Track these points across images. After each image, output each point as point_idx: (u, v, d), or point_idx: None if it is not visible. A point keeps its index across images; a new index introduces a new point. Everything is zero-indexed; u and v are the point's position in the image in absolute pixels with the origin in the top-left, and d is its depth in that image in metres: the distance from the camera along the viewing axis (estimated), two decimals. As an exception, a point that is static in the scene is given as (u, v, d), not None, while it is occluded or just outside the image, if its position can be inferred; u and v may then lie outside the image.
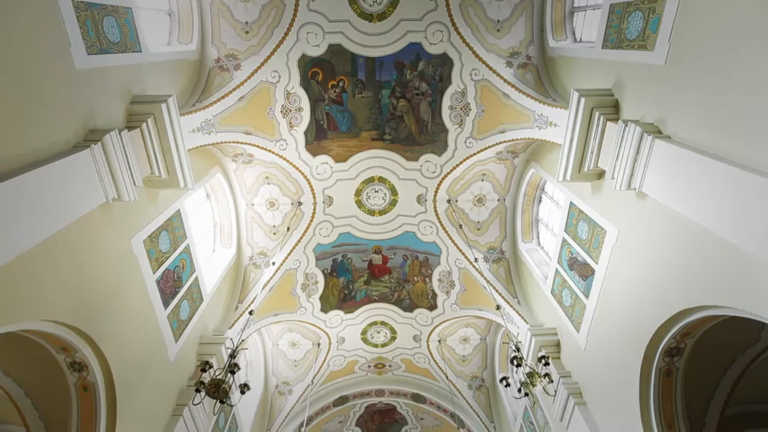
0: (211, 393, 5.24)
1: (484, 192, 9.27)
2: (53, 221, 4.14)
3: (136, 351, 5.79)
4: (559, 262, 7.40)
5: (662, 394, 5.32)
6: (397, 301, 10.62)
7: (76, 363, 5.05)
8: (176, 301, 6.95)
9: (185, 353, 7.27)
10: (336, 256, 10.07)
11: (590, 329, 6.52)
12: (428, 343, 11.11)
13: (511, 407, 10.44)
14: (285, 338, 11.12)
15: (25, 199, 3.77)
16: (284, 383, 11.29)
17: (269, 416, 11.02)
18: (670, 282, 4.65)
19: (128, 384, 5.59)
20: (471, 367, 11.37)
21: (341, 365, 11.43)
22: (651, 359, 5.19)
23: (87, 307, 4.85)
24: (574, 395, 6.80)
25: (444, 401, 11.27)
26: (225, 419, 8.82)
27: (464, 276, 9.84)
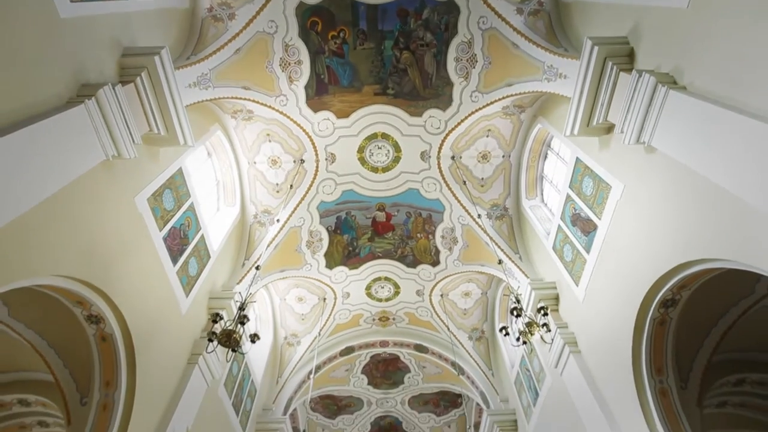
0: (222, 342, 5.50)
1: (488, 148, 9.16)
2: (55, 178, 4.19)
3: (148, 305, 6.02)
4: (562, 218, 7.45)
5: (654, 342, 5.55)
6: (401, 257, 10.82)
7: (93, 316, 5.28)
8: (184, 258, 7.11)
9: (196, 307, 7.54)
10: (340, 214, 10.14)
11: (589, 283, 6.69)
12: (431, 297, 11.43)
13: (509, 356, 10.92)
14: (292, 293, 11.45)
15: (25, 155, 3.78)
16: (293, 335, 11.76)
17: (279, 365, 11.59)
18: (672, 236, 4.71)
19: (144, 335, 5.86)
20: (472, 320, 11.77)
21: (347, 318, 11.84)
22: (646, 310, 5.36)
23: (98, 263, 5.00)
24: (569, 344, 7.09)
25: (445, 351, 11.77)
26: (238, 367, 9.30)
27: (467, 232, 9.94)
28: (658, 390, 5.55)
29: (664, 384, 5.58)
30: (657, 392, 5.52)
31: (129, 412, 5.49)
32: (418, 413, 14.96)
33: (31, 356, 5.92)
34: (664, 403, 5.49)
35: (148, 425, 5.94)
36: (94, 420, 5.36)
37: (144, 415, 5.82)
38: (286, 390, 11.19)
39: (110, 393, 5.47)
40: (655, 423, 5.35)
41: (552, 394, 8.18)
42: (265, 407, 10.71)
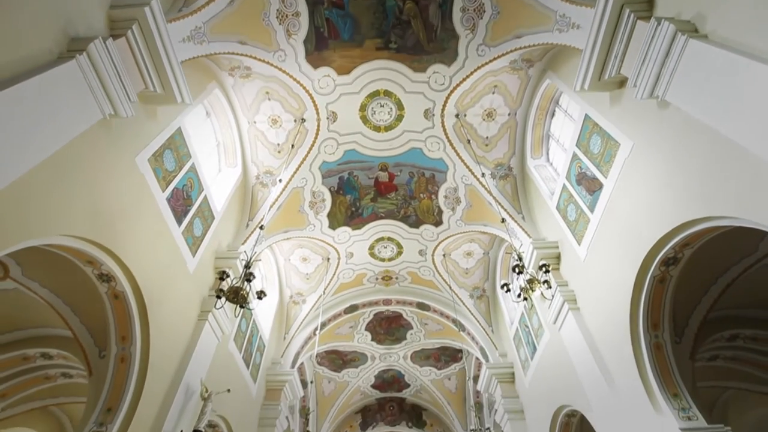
0: (230, 299, 5.67)
1: (494, 106, 8.93)
2: (54, 137, 4.18)
3: (156, 264, 6.14)
4: (567, 178, 7.38)
5: (652, 299, 5.67)
6: (404, 217, 10.86)
7: (104, 274, 5.41)
8: (189, 219, 7.16)
9: (203, 267, 7.68)
10: (342, 174, 10.08)
11: (591, 242, 6.73)
12: (433, 257, 11.58)
13: (509, 314, 11.21)
14: (296, 254, 11.62)
15: (19, 113, 3.74)
16: (298, 294, 12.06)
17: (286, 322, 11.97)
18: (679, 194, 4.68)
19: (154, 293, 6.02)
20: (473, 279, 11.98)
21: (350, 278, 12.08)
22: (647, 268, 5.43)
23: (104, 223, 5.06)
24: (569, 302, 7.25)
25: (447, 309, 12.09)
26: (246, 324, 9.62)
27: (470, 192, 9.90)
28: (653, 344, 5.72)
29: (659, 339, 5.75)
30: (652, 346, 5.70)
31: (145, 365, 5.75)
32: (420, 367, 15.61)
33: (49, 313, 6.15)
34: (657, 357, 5.68)
35: (165, 376, 6.24)
36: (114, 371, 5.63)
37: (160, 367, 6.09)
38: (293, 345, 11.63)
39: (126, 347, 5.71)
40: (648, 375, 5.56)
41: (549, 348, 8.47)
42: (273, 361, 11.18)
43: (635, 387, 5.67)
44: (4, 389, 8.08)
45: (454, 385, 15.91)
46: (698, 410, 5.24)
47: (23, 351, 7.58)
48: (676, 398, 5.40)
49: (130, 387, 5.53)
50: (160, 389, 6.10)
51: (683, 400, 5.38)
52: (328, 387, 15.94)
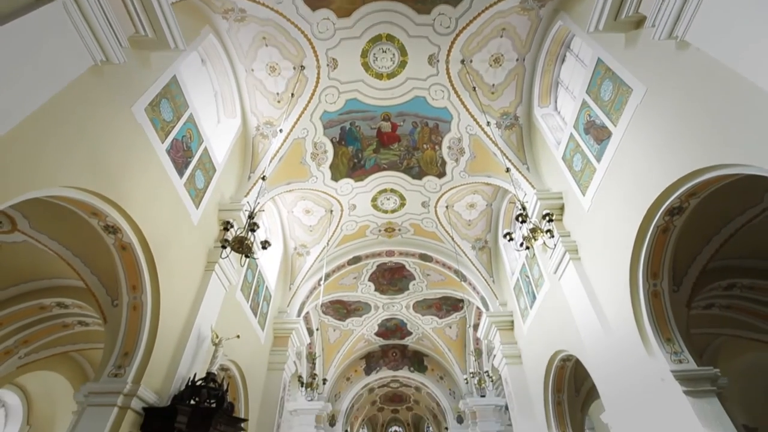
0: (235, 248, 5.75)
1: (502, 50, 8.51)
2: (45, 84, 4.07)
3: (161, 215, 6.18)
4: (575, 127, 7.19)
5: (654, 248, 5.70)
6: (407, 168, 10.74)
7: (110, 226, 5.45)
8: (190, 171, 7.11)
9: (207, 218, 7.74)
10: (344, 125, 9.85)
11: (596, 192, 6.68)
12: (436, 208, 11.60)
13: (510, 264, 11.40)
14: (299, 206, 11.64)
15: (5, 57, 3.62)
16: (302, 246, 12.23)
17: (291, 273, 12.25)
18: (690, 141, 4.57)
19: (161, 244, 6.11)
20: (476, 231, 12.06)
21: (353, 230, 12.18)
22: (651, 218, 5.42)
23: (105, 175, 5.03)
24: (570, 252, 7.33)
25: (449, 260, 12.29)
26: (253, 275, 9.85)
27: (474, 143, 9.71)
28: (650, 293, 5.84)
29: (657, 287, 5.86)
30: (650, 294, 5.82)
31: (157, 312, 5.95)
32: (422, 316, 16.16)
33: (61, 265, 6.30)
34: (654, 304, 5.81)
35: (176, 323, 6.48)
36: (127, 319, 5.85)
37: (171, 315, 6.32)
38: (298, 295, 11.98)
39: (137, 296, 5.88)
40: (644, 321, 5.72)
41: (549, 297, 8.68)
42: (280, 310, 11.57)
43: (630, 332, 5.86)
44: (26, 336, 8.46)
45: (454, 332, 16.54)
46: (690, 354, 5.45)
47: (40, 301, 7.86)
48: (669, 343, 5.59)
49: (144, 333, 5.77)
50: (172, 335, 6.36)
51: (676, 345, 5.58)
52: (333, 335, 16.63)
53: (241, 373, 8.77)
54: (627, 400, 5.86)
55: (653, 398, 5.39)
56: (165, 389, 5.96)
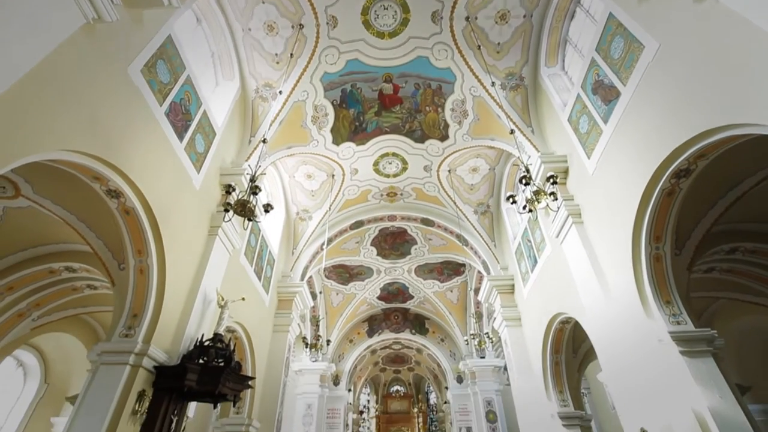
0: (238, 212, 5.76)
1: (508, 6, 8.13)
2: (36, 45, 3.93)
3: (162, 180, 6.15)
4: (583, 87, 6.98)
5: (658, 212, 5.67)
6: (409, 132, 10.56)
7: (112, 191, 5.44)
8: (190, 135, 7.01)
9: (209, 183, 7.70)
10: (345, 86, 9.60)
11: (602, 155, 6.57)
12: (438, 173, 11.49)
13: (512, 229, 11.43)
14: (300, 170, 11.56)
15: None
16: (304, 210, 12.25)
17: (294, 238, 12.34)
18: (702, 100, 4.43)
19: (163, 208, 6.12)
20: (478, 195, 12.01)
21: (355, 194, 12.15)
22: (657, 180, 5.35)
23: (104, 138, 4.97)
24: (573, 215, 7.31)
25: (451, 224, 12.32)
26: (256, 239, 9.94)
27: (478, 105, 9.48)
28: (653, 256, 5.85)
29: (659, 250, 5.87)
30: (651, 258, 5.84)
31: (163, 276, 6.05)
32: (424, 280, 16.40)
33: (66, 230, 6.35)
34: (656, 268, 5.84)
35: (182, 286, 6.60)
36: (134, 282, 5.95)
37: (177, 278, 6.42)
38: (301, 260, 12.12)
39: (143, 259, 5.96)
40: (645, 284, 5.77)
41: (550, 261, 8.75)
42: (284, 274, 11.75)
43: (630, 295, 5.93)
44: (38, 299, 8.68)
45: (455, 296, 16.84)
46: (688, 316, 5.53)
47: (49, 265, 8.01)
48: (669, 305, 5.67)
49: (151, 295, 5.88)
50: (179, 298, 6.49)
51: (675, 307, 5.65)
52: (336, 298, 16.97)
53: (247, 334, 9.03)
54: (623, 361, 6.01)
55: (649, 359, 5.53)
56: (174, 349, 6.16)
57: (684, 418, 4.93)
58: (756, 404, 9.68)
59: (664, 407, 5.26)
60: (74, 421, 4.96)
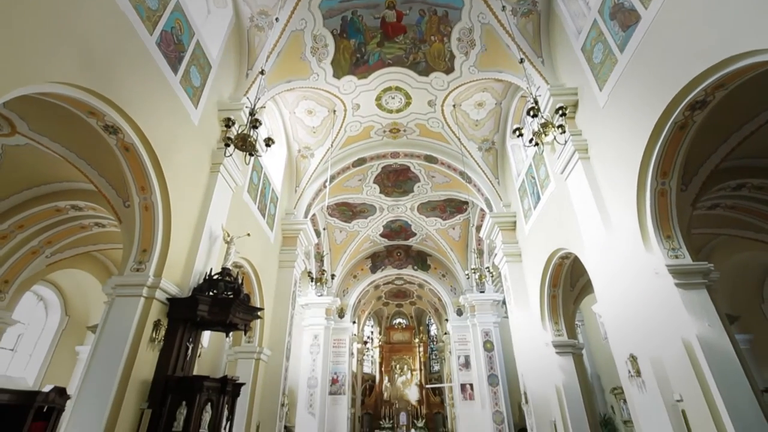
0: (238, 146, 5.66)
1: None
2: None
3: (159, 114, 5.99)
4: (600, 12, 6.49)
5: (668, 146, 5.53)
6: (413, 64, 10.05)
7: (109, 126, 5.32)
8: (184, 67, 6.71)
9: (207, 118, 7.51)
10: (345, 14, 8.98)
11: (615, 86, 6.29)
12: (443, 108, 11.12)
13: (516, 166, 11.30)
14: (301, 106, 11.20)
15: None
16: (306, 148, 12.06)
17: (296, 175, 12.28)
18: (728, 24, 4.13)
19: (163, 144, 6.03)
20: (483, 131, 11.72)
21: (358, 131, 11.87)
22: (670, 113, 5.17)
23: (93, 68, 4.77)
24: (579, 151, 7.17)
25: (454, 161, 12.16)
26: (258, 177, 9.90)
27: (486, 33, 8.91)
28: (657, 191, 5.81)
29: (665, 186, 5.81)
30: (656, 193, 5.80)
31: (168, 213, 6.10)
32: (426, 218, 16.54)
33: (68, 168, 6.32)
34: (660, 203, 5.83)
35: (188, 222, 6.70)
36: (140, 219, 6.03)
37: (182, 214, 6.49)
38: (304, 197, 12.16)
39: (147, 196, 5.98)
40: (647, 220, 5.79)
41: (553, 198, 8.74)
42: (287, 212, 11.86)
43: (631, 230, 5.98)
44: (48, 237, 8.88)
45: (457, 233, 17.09)
46: (687, 250, 5.61)
47: (55, 204, 8.09)
48: (669, 240, 5.73)
49: (158, 231, 5.98)
50: (186, 234, 6.61)
51: (675, 242, 5.72)
52: (339, 236, 17.27)
53: (254, 269, 9.32)
54: (619, 293, 6.20)
55: (645, 291, 5.70)
56: (185, 283, 6.39)
57: (673, 345, 5.19)
58: (742, 334, 10.18)
59: (655, 336, 5.52)
60: (97, 349, 5.28)
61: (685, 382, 4.99)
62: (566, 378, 8.92)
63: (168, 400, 5.45)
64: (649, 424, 5.57)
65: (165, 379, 5.59)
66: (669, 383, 5.26)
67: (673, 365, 5.21)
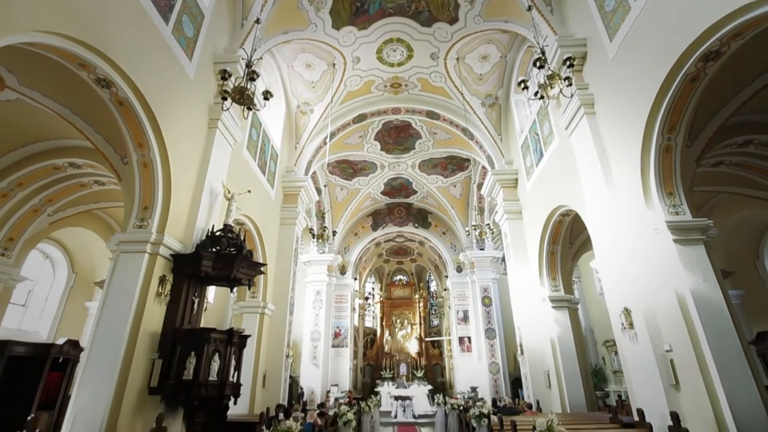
0: (236, 99, 5.51)
1: None
2: None
3: (153, 68, 5.80)
4: (615, -47, 6.09)
5: (677, 100, 5.38)
6: (415, 13, 9.58)
7: (101, 79, 5.16)
8: (175, 16, 6.41)
9: (203, 72, 7.26)
10: (343, -44, 8.45)
11: (626, 37, 6.03)
12: (446, 61, 10.73)
13: (520, 122, 11.07)
14: (299, 60, 10.80)
15: None
16: (305, 103, 11.76)
17: (296, 132, 12.07)
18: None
19: (159, 99, 5.88)
20: (487, 86, 11.38)
21: (358, 85, 11.52)
22: (682, 64, 4.99)
23: (82, 18, 4.60)
24: (585, 105, 6.99)
25: (457, 117, 11.90)
26: (257, 134, 9.74)
27: (494, -21, 8.42)
28: (663, 147, 5.72)
29: (671, 141, 5.71)
30: (661, 149, 5.72)
31: (167, 169, 6.06)
32: (427, 175, 16.44)
33: (63, 124, 6.18)
34: (664, 159, 5.76)
35: (188, 179, 6.67)
36: (140, 175, 5.99)
37: (182, 171, 6.45)
38: (304, 154, 12.03)
39: (145, 153, 5.91)
40: (650, 176, 5.75)
41: (556, 154, 8.63)
42: (288, 169, 11.77)
43: (633, 186, 5.95)
44: (49, 195, 8.87)
45: (458, 191, 17.06)
46: (687, 207, 5.61)
47: (52, 161, 8.01)
48: (671, 196, 5.72)
49: (159, 188, 5.96)
50: (186, 191, 6.60)
51: (676, 198, 5.71)
52: (340, 194, 17.25)
53: (255, 226, 9.39)
54: (617, 249, 6.27)
55: (643, 246, 5.76)
56: (188, 239, 6.45)
57: (666, 298, 5.32)
58: (735, 290, 10.41)
59: (649, 290, 5.64)
60: (105, 303, 5.42)
61: (676, 333, 5.16)
62: (561, 331, 9.23)
63: (177, 350, 5.67)
64: (638, 373, 5.82)
65: (173, 331, 5.79)
66: (660, 335, 5.44)
67: (665, 318, 5.37)
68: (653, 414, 5.38)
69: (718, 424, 4.55)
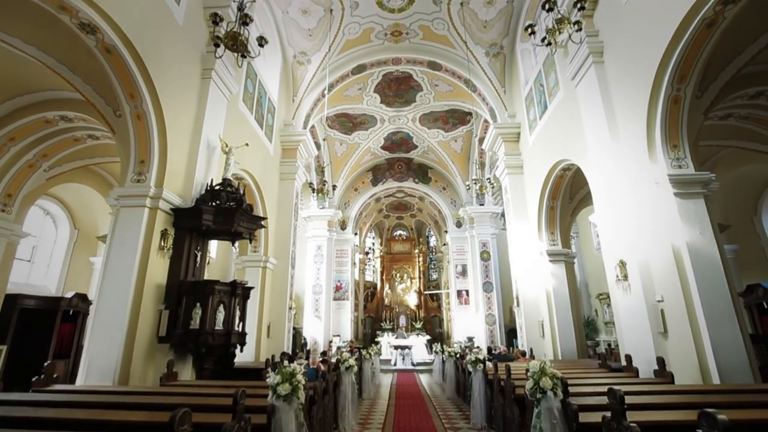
0: (229, 46, 5.28)
1: None
2: None
3: (138, 12, 5.50)
4: None
5: (691, 47, 5.15)
6: (417, -48, 8.96)
7: (85, 24, 4.92)
8: (160, -46, 5.97)
9: (192, 17, 6.90)
10: None
11: (641, -23, 5.65)
12: (449, 6, 10.16)
13: (525, 73, 10.67)
14: (294, 4, 10.22)
15: None
16: (302, 53, 11.28)
17: (293, 84, 11.67)
18: None
19: (148, 47, 5.63)
20: (491, 34, 10.86)
21: (357, 33, 10.99)
22: (700, 8, 4.72)
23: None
24: (594, 54, 6.70)
25: (459, 68, 11.46)
26: (253, 85, 9.42)
27: None
28: (671, 98, 5.54)
29: (680, 92, 5.53)
30: (670, 99, 5.54)
31: (162, 122, 5.91)
32: (428, 129, 16.13)
33: (50, 75, 5.93)
34: (671, 110, 5.60)
35: (184, 132, 6.53)
36: (134, 128, 5.85)
37: (177, 123, 6.30)
38: (302, 107, 11.71)
39: (138, 104, 5.74)
40: (656, 128, 5.62)
41: (561, 107, 8.40)
42: (285, 123, 11.51)
43: (638, 139, 5.84)
44: (43, 150, 8.73)
45: (459, 146, 16.81)
46: (691, 160, 5.53)
47: (42, 114, 7.81)
48: (675, 149, 5.62)
49: (154, 141, 5.85)
50: (183, 144, 6.48)
51: (680, 151, 5.62)
52: (340, 148, 17.01)
53: (254, 181, 9.33)
54: (617, 202, 6.26)
55: (642, 199, 5.74)
56: (187, 193, 6.42)
57: (662, 251, 5.38)
58: (730, 244, 10.54)
59: (646, 243, 5.69)
60: (109, 257, 5.49)
61: (668, 284, 5.27)
62: (557, 283, 9.44)
63: (183, 302, 5.82)
64: (628, 321, 6.02)
65: (178, 283, 5.91)
66: (653, 285, 5.56)
67: (659, 269, 5.46)
68: (641, 360, 5.61)
69: (702, 368, 4.77)
